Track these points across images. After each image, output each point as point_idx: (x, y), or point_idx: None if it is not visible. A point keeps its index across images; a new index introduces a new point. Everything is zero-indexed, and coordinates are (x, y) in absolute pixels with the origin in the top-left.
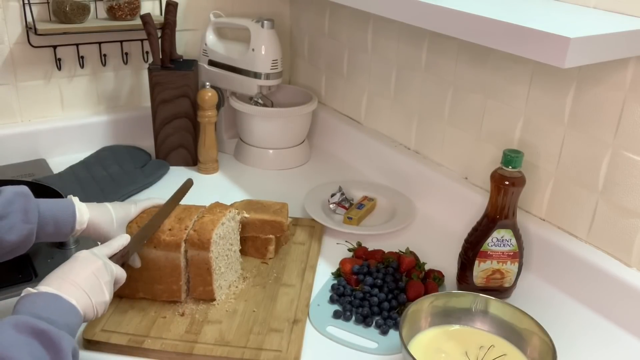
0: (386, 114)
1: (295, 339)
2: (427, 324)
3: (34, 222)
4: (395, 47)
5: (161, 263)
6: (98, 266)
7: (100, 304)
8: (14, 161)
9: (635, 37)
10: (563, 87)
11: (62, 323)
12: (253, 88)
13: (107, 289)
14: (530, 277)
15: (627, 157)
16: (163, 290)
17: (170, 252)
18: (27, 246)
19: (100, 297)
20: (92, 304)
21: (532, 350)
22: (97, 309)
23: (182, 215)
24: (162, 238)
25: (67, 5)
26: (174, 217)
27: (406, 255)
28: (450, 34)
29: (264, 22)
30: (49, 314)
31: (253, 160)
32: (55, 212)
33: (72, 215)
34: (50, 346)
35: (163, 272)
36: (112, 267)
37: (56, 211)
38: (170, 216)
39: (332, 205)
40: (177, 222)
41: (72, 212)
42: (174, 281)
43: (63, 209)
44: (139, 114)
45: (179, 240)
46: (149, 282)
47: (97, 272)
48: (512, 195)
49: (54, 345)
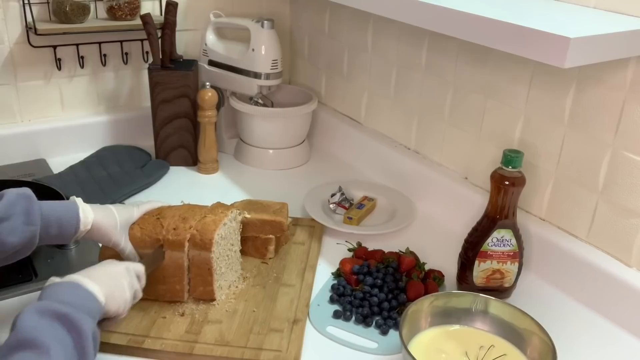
0: (386, 114)
1: (295, 339)
2: (427, 324)
3: (36, 225)
4: (395, 47)
5: (165, 263)
6: (120, 269)
7: (122, 299)
8: (14, 161)
9: (635, 37)
10: (563, 87)
11: (82, 308)
12: (253, 88)
13: (128, 289)
14: (530, 277)
15: (627, 157)
16: (166, 290)
17: (174, 251)
18: (29, 249)
19: (122, 293)
20: (115, 296)
21: (532, 350)
22: (119, 305)
23: (187, 215)
24: (166, 237)
25: (67, 5)
26: (178, 217)
27: (406, 255)
28: (450, 34)
29: (264, 22)
30: (70, 299)
31: (253, 160)
32: (59, 214)
33: (76, 217)
34: (72, 328)
35: (166, 272)
36: (132, 275)
37: (59, 213)
38: (175, 215)
39: (332, 205)
40: (181, 222)
41: (76, 213)
42: (178, 281)
43: (66, 210)
44: (139, 114)
45: (183, 240)
46: (152, 283)
47: (120, 272)
48: (512, 195)
49: (75, 327)
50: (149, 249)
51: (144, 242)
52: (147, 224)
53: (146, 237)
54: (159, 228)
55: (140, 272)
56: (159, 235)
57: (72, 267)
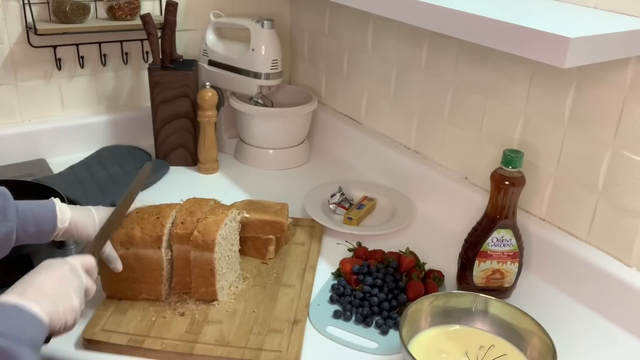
0: (386, 113)
1: (295, 339)
2: (427, 324)
3: (12, 220)
4: (395, 47)
5: (174, 256)
6: (64, 271)
7: (68, 310)
8: (14, 161)
9: (635, 37)
10: (563, 87)
11: (24, 337)
12: (253, 88)
13: (75, 294)
14: (530, 277)
15: (627, 157)
16: (176, 283)
17: (183, 245)
18: (7, 246)
19: (68, 303)
20: (58, 311)
21: (532, 350)
22: (66, 316)
23: (193, 209)
24: (174, 232)
25: (67, 5)
26: (185, 211)
27: (406, 255)
28: (450, 34)
29: (264, 22)
30: (9, 328)
31: (253, 160)
32: (35, 211)
33: (53, 214)
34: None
35: (176, 266)
36: (81, 273)
37: (36, 210)
38: (182, 209)
39: (332, 206)
40: (188, 215)
41: (53, 210)
42: (187, 273)
43: (43, 207)
44: (139, 114)
45: (191, 232)
46: (154, 283)
47: (63, 277)
48: (512, 195)
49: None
50: (149, 249)
51: (144, 242)
52: (147, 224)
53: (147, 237)
54: (159, 227)
55: (90, 266)
56: (159, 234)
57: None
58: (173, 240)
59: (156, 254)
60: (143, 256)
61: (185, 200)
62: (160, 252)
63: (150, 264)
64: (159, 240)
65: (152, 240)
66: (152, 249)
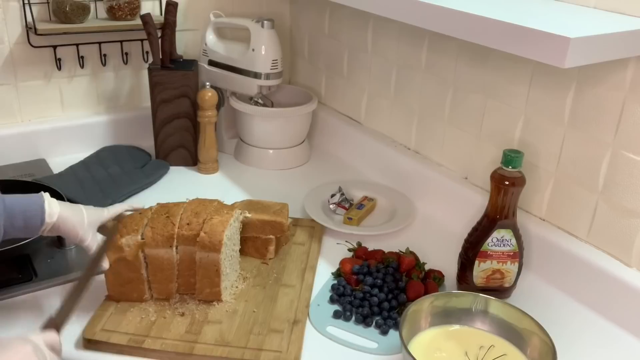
0: (386, 114)
1: (295, 339)
2: (427, 324)
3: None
4: (395, 47)
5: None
6: (26, 352)
7: None
8: (14, 161)
9: (635, 37)
10: (563, 87)
11: None
12: (253, 88)
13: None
14: (530, 277)
15: (627, 157)
16: (180, 284)
17: (188, 246)
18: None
19: None
20: None
21: (532, 350)
22: None
23: (198, 210)
24: (180, 233)
25: (67, 5)
26: (190, 212)
27: (406, 255)
28: (450, 34)
29: (264, 22)
30: None
31: (253, 160)
32: (23, 206)
33: (41, 208)
34: None
35: (180, 267)
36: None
37: (24, 204)
38: (187, 210)
39: (332, 206)
40: (194, 217)
41: (41, 204)
42: (191, 274)
43: (31, 201)
44: (139, 114)
45: (197, 234)
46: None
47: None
48: (512, 195)
49: None
50: (161, 248)
51: (155, 241)
52: (157, 223)
53: (158, 236)
54: (170, 226)
55: (54, 342)
56: (171, 232)
57: (72, 267)
58: (179, 241)
59: (167, 253)
60: (154, 256)
61: (190, 201)
62: (171, 251)
63: (161, 263)
64: (170, 239)
65: (164, 239)
66: (163, 248)
